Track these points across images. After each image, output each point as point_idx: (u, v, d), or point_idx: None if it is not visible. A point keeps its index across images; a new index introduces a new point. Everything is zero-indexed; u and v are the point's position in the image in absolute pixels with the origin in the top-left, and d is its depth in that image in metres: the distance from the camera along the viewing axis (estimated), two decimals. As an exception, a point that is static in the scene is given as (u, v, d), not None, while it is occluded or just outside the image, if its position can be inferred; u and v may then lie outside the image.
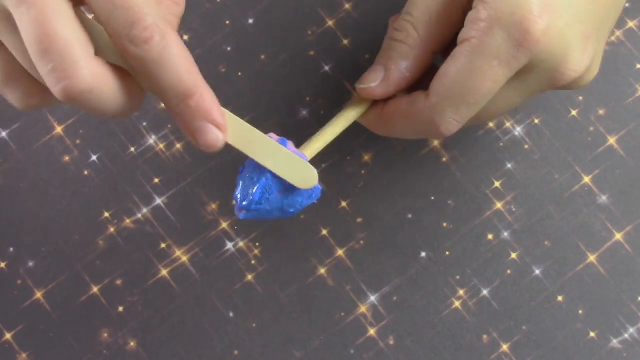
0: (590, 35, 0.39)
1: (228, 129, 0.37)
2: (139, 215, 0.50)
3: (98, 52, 0.35)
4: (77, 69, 0.34)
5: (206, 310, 0.49)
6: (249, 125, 0.38)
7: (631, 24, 0.52)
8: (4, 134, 0.51)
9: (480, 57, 0.38)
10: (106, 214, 0.50)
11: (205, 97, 0.36)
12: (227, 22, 0.52)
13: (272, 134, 0.40)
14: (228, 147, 0.51)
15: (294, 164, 0.39)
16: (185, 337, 0.48)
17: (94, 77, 0.34)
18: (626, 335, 0.48)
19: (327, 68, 0.51)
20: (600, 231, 0.49)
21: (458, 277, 0.49)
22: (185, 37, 0.52)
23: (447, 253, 0.49)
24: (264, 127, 0.51)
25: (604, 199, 0.50)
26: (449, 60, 0.39)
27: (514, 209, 0.50)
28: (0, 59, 0.37)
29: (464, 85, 0.39)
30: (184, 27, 0.52)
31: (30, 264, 0.49)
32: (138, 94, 0.37)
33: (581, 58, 0.39)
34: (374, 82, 0.42)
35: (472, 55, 0.38)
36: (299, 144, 0.52)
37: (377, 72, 0.42)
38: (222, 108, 0.37)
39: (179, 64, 0.34)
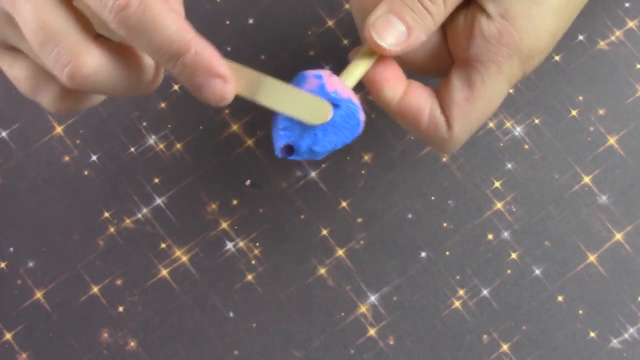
0: (560, 30, 0.41)
1: (235, 80, 0.37)
2: (139, 215, 0.50)
3: (100, 33, 0.35)
4: (77, 53, 0.34)
5: (206, 310, 0.49)
6: (256, 71, 0.37)
7: (631, 24, 0.52)
8: (4, 134, 0.51)
9: (499, 83, 0.39)
10: (106, 214, 0.50)
11: (202, 52, 0.35)
12: (227, 22, 0.52)
13: (309, 72, 0.39)
14: (228, 147, 0.51)
15: (306, 102, 0.38)
16: (185, 337, 0.48)
17: (96, 58, 0.34)
18: (626, 335, 0.48)
19: (327, 68, 0.51)
20: (600, 231, 0.49)
21: (458, 277, 0.49)
22: (185, 37, 0.52)
23: (447, 253, 0.49)
24: (264, 127, 0.51)
25: (604, 199, 0.50)
26: (462, 86, 0.40)
27: (514, 209, 0.50)
28: (25, 65, 0.37)
29: (485, 113, 0.40)
30: (184, 27, 0.52)
31: (30, 264, 0.49)
32: (148, 68, 0.37)
33: (548, 49, 0.41)
34: (395, 46, 0.39)
35: (492, 80, 0.39)
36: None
37: (399, 32, 0.39)
38: (225, 59, 0.36)
39: (164, 24, 0.34)
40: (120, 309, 0.49)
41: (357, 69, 0.39)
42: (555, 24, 0.40)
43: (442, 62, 0.42)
